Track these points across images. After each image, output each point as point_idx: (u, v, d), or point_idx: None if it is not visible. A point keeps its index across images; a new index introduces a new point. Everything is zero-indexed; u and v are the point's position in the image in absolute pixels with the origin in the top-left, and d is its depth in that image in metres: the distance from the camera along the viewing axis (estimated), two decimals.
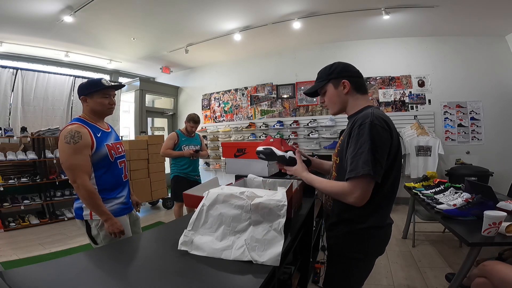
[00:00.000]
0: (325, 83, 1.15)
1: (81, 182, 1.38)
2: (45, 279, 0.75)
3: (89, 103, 1.51)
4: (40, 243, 3.12)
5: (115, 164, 1.56)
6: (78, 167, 1.39)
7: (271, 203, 0.87)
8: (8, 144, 4.00)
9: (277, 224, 0.85)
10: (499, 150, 4.32)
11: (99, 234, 1.48)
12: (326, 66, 1.17)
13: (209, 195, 0.96)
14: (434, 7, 3.65)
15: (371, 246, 1.10)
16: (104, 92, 1.53)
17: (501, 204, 1.80)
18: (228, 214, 0.90)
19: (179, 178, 3.13)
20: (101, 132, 1.53)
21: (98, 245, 1.50)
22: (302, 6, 3.81)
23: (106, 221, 1.44)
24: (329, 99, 1.16)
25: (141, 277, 0.74)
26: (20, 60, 4.92)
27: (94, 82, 1.53)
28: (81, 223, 1.51)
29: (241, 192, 0.93)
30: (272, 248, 0.81)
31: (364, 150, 0.94)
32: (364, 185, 0.95)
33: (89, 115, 1.54)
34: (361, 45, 4.96)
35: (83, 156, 1.41)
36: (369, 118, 0.97)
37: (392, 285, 2.18)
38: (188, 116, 3.18)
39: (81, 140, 1.40)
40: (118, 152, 1.59)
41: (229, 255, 0.82)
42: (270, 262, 0.78)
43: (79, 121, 1.49)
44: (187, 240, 0.89)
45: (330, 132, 5.00)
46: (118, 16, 3.91)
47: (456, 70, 4.53)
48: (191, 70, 6.79)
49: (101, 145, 1.49)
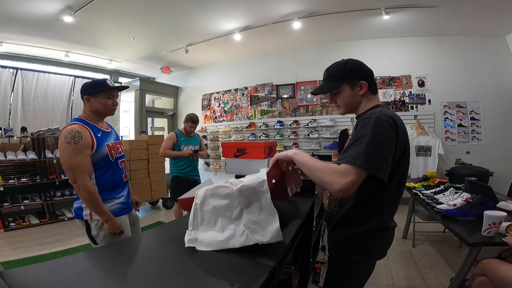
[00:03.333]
0: (340, 83, 1.06)
1: (81, 182, 1.38)
2: (45, 279, 0.75)
3: (93, 103, 1.51)
4: (40, 243, 3.12)
5: (116, 164, 1.56)
6: (78, 167, 1.38)
7: (252, 182, 0.88)
8: (8, 144, 4.00)
9: (265, 200, 0.85)
10: (499, 150, 4.32)
11: (99, 234, 1.47)
12: (339, 64, 1.08)
13: (199, 193, 0.97)
14: (434, 7, 3.65)
15: (373, 248, 1.08)
16: (109, 92, 1.53)
17: (501, 204, 1.80)
18: (220, 205, 0.91)
19: (178, 178, 3.14)
20: (101, 132, 1.52)
21: (98, 245, 1.49)
22: (302, 6, 3.81)
23: (106, 221, 1.43)
24: (343, 101, 1.08)
25: (141, 277, 0.74)
26: (20, 60, 4.92)
27: (99, 82, 1.53)
28: (81, 223, 1.50)
29: (225, 181, 0.95)
30: (270, 226, 0.82)
31: (362, 142, 0.90)
32: (353, 175, 0.86)
33: (89, 115, 1.53)
34: (361, 45, 4.96)
35: (83, 156, 1.40)
36: (376, 114, 0.94)
37: (392, 285, 2.18)
38: (187, 116, 3.18)
39: (81, 140, 1.39)
40: (118, 152, 1.59)
41: (235, 243, 0.84)
42: (274, 239, 0.80)
43: (79, 121, 1.48)
44: (192, 238, 0.90)
45: (330, 132, 5.00)
46: (118, 16, 3.91)
47: (456, 70, 4.53)
48: (191, 70, 6.79)
49: (102, 145, 1.48)
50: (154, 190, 4.62)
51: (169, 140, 3.14)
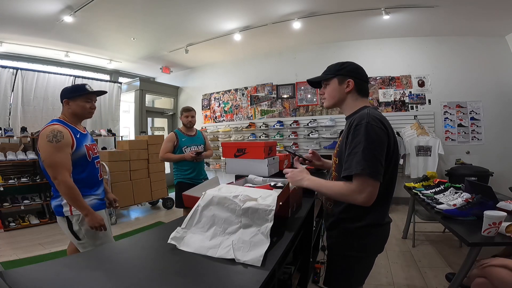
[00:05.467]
0: (331, 76, 1.16)
1: (62, 178, 1.45)
2: (45, 279, 0.75)
3: (71, 106, 1.61)
4: (40, 243, 3.12)
5: (92, 164, 1.66)
6: (59, 164, 1.47)
7: (260, 207, 0.90)
8: (8, 144, 4.00)
9: (264, 228, 0.88)
10: (499, 150, 4.32)
11: (81, 229, 1.55)
12: (338, 62, 1.18)
13: (205, 196, 0.98)
14: (434, 7, 3.65)
15: (370, 244, 1.12)
16: (87, 96, 1.64)
17: (501, 204, 1.80)
18: (220, 216, 0.93)
19: (183, 185, 2.70)
20: (79, 133, 1.62)
21: (81, 241, 1.56)
22: (302, 6, 3.81)
23: (87, 215, 1.51)
24: (329, 93, 1.18)
25: (141, 277, 0.74)
26: (20, 60, 4.92)
27: (79, 87, 1.65)
28: (62, 220, 1.57)
29: (234, 196, 0.96)
30: (256, 250, 0.83)
31: (358, 150, 0.96)
32: (368, 184, 0.95)
33: (68, 117, 1.63)
34: (361, 45, 4.96)
35: (64, 154, 1.49)
36: (365, 119, 0.99)
37: (392, 285, 2.18)
38: (181, 109, 2.90)
39: (63, 139, 1.48)
40: (95, 152, 1.70)
41: (214, 253, 0.85)
42: (252, 262, 0.79)
43: (59, 122, 1.57)
44: (178, 236, 0.92)
45: (330, 132, 5.00)
46: (118, 16, 3.91)
47: (456, 70, 4.53)
48: (191, 70, 6.79)
49: (81, 145, 1.59)
50: (154, 190, 4.62)
51: (169, 141, 2.78)
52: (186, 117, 2.83)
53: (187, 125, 2.86)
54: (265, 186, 1.33)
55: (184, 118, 2.85)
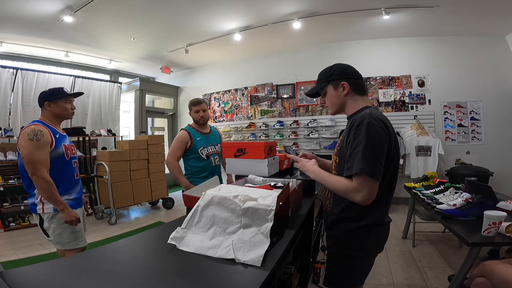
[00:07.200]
0: (325, 84, 1.18)
1: (40, 174, 1.53)
2: (45, 279, 0.75)
3: (53, 108, 1.71)
4: (40, 243, 3.11)
5: (70, 163, 1.74)
6: (38, 161, 1.54)
7: (260, 207, 0.91)
8: (8, 144, 4.00)
9: (264, 228, 0.88)
10: (499, 150, 4.32)
11: (50, 227, 1.64)
12: (326, 68, 1.19)
13: (205, 196, 0.99)
14: (434, 7, 3.65)
15: (370, 243, 1.12)
16: (67, 98, 1.75)
17: (501, 204, 1.80)
18: (220, 216, 0.94)
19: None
20: (58, 134, 1.71)
21: (49, 238, 1.65)
22: (302, 6, 3.81)
23: (62, 210, 1.59)
24: (329, 100, 1.19)
25: (141, 277, 0.74)
26: (20, 60, 4.92)
27: (57, 90, 1.75)
28: (36, 217, 1.67)
29: (234, 196, 0.96)
30: (256, 250, 0.83)
31: (359, 150, 0.97)
32: (367, 184, 0.95)
33: (49, 118, 1.72)
34: (361, 45, 4.96)
35: (44, 152, 1.57)
36: (367, 118, 1.00)
37: (392, 285, 2.18)
38: (189, 103, 2.36)
39: (43, 138, 1.57)
40: (72, 153, 1.79)
41: (214, 253, 0.85)
42: (252, 262, 0.79)
43: (40, 122, 1.66)
44: (178, 236, 0.92)
45: (330, 132, 5.00)
46: (118, 16, 3.91)
47: (456, 70, 4.53)
48: (191, 70, 6.79)
49: (59, 145, 1.67)
50: (154, 190, 4.62)
51: (181, 141, 2.21)
52: (196, 112, 2.28)
53: (199, 122, 2.29)
54: (265, 186, 1.33)
55: (194, 114, 2.29)
